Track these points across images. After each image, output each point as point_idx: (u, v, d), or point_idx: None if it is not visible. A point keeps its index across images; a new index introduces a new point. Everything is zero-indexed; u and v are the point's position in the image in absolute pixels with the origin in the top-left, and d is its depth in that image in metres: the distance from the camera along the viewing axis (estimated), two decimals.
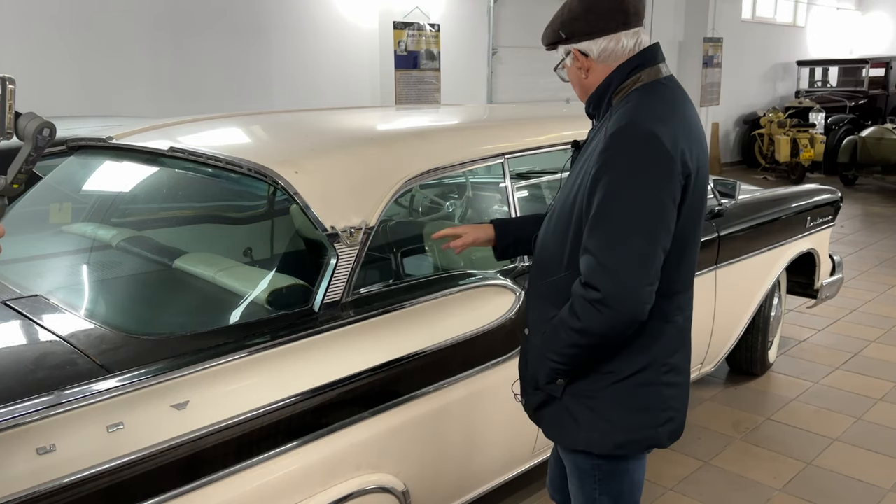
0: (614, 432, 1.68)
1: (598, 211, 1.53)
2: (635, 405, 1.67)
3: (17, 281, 2.16)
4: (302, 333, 1.92)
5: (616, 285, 1.50)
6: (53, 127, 1.20)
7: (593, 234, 1.54)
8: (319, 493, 1.92)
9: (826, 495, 3.01)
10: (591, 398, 1.68)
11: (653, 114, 1.57)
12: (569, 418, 1.72)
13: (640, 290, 1.52)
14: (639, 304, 1.52)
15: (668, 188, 1.53)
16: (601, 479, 1.75)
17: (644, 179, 1.52)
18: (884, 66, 13.59)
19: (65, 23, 5.79)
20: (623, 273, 1.50)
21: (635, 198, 1.52)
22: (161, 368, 1.68)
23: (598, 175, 1.54)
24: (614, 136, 1.55)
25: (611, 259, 1.51)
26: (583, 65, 1.69)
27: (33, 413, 1.48)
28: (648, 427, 1.69)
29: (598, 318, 1.52)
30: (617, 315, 1.52)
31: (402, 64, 7.70)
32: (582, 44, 1.66)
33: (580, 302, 1.55)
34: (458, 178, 3.18)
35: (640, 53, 1.66)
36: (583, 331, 1.56)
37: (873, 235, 7.71)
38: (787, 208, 3.80)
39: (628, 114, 1.58)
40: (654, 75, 1.66)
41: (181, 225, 2.84)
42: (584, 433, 1.70)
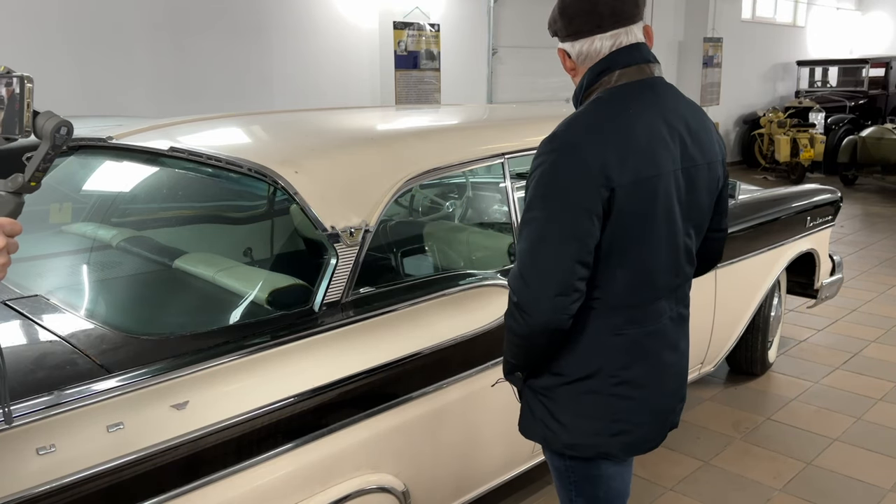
0: (563, 432, 1.69)
1: (521, 220, 1.58)
2: (583, 411, 1.67)
3: (17, 281, 2.16)
4: (302, 333, 1.92)
5: (525, 293, 1.54)
6: (71, 126, 1.21)
7: (518, 239, 1.60)
8: (319, 494, 1.92)
9: (826, 495, 3.01)
10: (545, 396, 1.71)
11: (583, 124, 1.56)
12: (528, 410, 1.77)
13: (550, 300, 1.52)
14: (548, 313, 1.52)
15: (582, 199, 1.50)
16: (576, 482, 1.76)
17: (556, 191, 1.51)
18: (884, 66, 13.58)
19: (65, 22, 5.79)
20: (532, 281, 1.53)
21: (546, 209, 1.52)
22: (161, 368, 1.68)
23: (526, 183, 1.60)
24: (539, 146, 1.58)
25: (524, 267, 1.54)
26: (567, 64, 1.70)
27: (33, 413, 1.48)
28: (595, 435, 1.67)
29: (518, 320, 1.57)
30: (531, 321, 1.55)
31: (402, 64, 7.70)
32: (565, 43, 1.67)
33: (509, 303, 1.61)
34: (458, 178, 3.18)
35: (606, 57, 1.62)
36: (509, 329, 1.63)
37: (873, 235, 7.71)
38: (787, 208, 3.80)
39: (563, 123, 1.59)
40: (631, 76, 1.62)
41: (181, 225, 2.84)
42: (539, 428, 1.74)
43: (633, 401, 1.67)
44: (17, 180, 1.21)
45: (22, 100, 1.16)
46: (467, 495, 2.42)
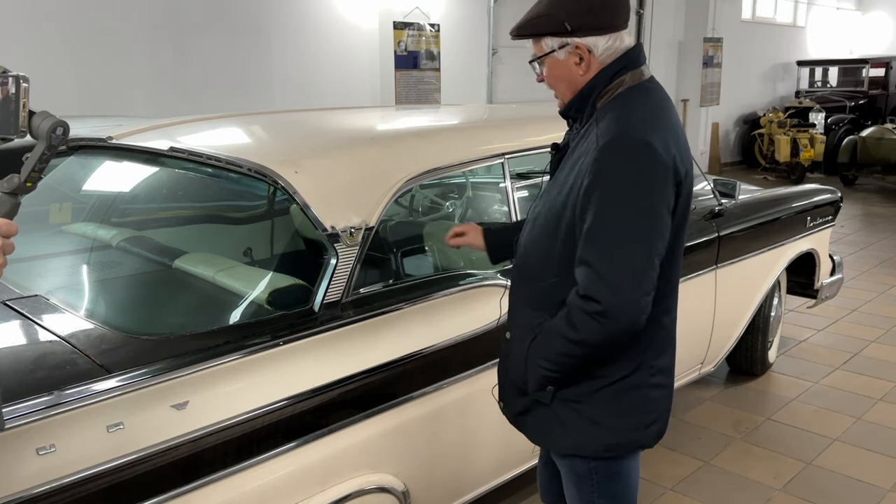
0: (603, 435, 1.67)
1: (595, 222, 1.51)
2: (623, 408, 1.66)
3: (17, 281, 2.16)
4: (302, 333, 1.92)
5: (616, 297, 1.49)
6: (67, 126, 1.20)
7: (590, 245, 1.52)
8: (319, 494, 1.92)
9: (826, 495, 3.01)
10: (579, 402, 1.66)
11: (642, 121, 1.55)
12: (556, 423, 1.70)
13: (639, 301, 1.51)
14: (638, 314, 1.51)
15: (663, 196, 1.53)
16: (599, 483, 1.74)
17: (640, 190, 1.50)
18: (884, 66, 13.58)
19: (64, 22, 5.79)
20: (623, 284, 1.49)
21: (632, 209, 1.50)
22: (161, 368, 1.68)
23: (592, 186, 1.52)
24: (607, 146, 1.52)
25: (610, 271, 1.49)
26: (585, 60, 1.61)
27: (33, 413, 1.48)
28: (635, 429, 1.69)
29: (598, 329, 1.51)
30: (616, 326, 1.50)
31: (402, 64, 7.70)
32: (588, 38, 1.59)
33: (578, 314, 1.53)
34: (458, 178, 3.18)
35: (624, 55, 1.62)
36: (580, 342, 1.55)
37: (873, 235, 7.71)
38: (787, 208, 3.80)
39: (618, 122, 1.55)
40: (638, 78, 1.63)
41: (181, 225, 2.84)
42: (572, 437, 1.69)
43: (665, 388, 1.72)
44: (13, 181, 1.20)
45: (18, 100, 1.16)
46: (467, 495, 2.42)
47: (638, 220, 1.50)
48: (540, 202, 1.75)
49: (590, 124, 1.63)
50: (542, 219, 1.69)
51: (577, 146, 1.65)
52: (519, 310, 1.77)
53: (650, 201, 1.51)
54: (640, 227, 1.50)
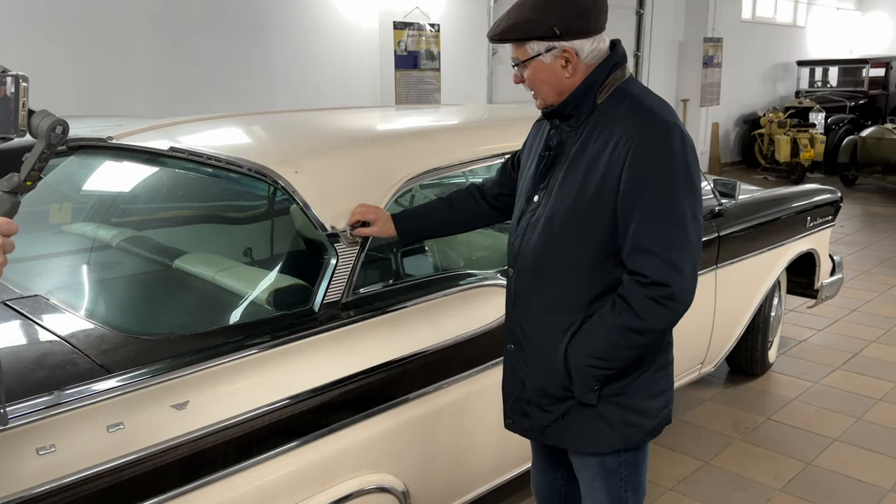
0: (645, 422, 1.70)
1: (650, 210, 1.54)
2: (656, 390, 1.71)
3: (17, 281, 2.16)
4: (302, 333, 1.92)
5: (682, 278, 1.54)
6: (66, 125, 1.20)
7: (650, 232, 1.55)
8: (319, 494, 1.92)
9: (826, 495, 3.01)
10: (621, 394, 1.67)
11: (663, 107, 1.62)
12: (602, 422, 1.69)
13: (696, 277, 1.59)
14: (694, 290, 1.58)
15: (699, 175, 1.62)
16: (626, 475, 1.76)
17: (685, 172, 1.56)
18: (884, 66, 13.58)
19: (64, 22, 5.78)
20: (688, 266, 1.55)
21: (681, 192, 1.55)
22: (161, 368, 1.68)
23: (637, 174, 1.54)
24: (647, 136, 1.55)
25: (675, 255, 1.54)
26: (571, 63, 1.63)
27: (33, 413, 1.48)
28: (664, 408, 1.75)
29: (665, 314, 1.55)
30: (682, 308, 1.56)
31: (402, 64, 7.70)
32: (575, 42, 1.61)
33: (642, 301, 1.55)
34: (458, 178, 3.18)
35: (614, 53, 1.66)
36: (646, 330, 1.57)
37: (873, 235, 7.71)
38: (787, 208, 3.80)
39: (646, 112, 1.59)
40: (625, 74, 1.68)
41: (181, 225, 2.84)
42: (618, 432, 1.69)
43: (673, 363, 1.78)
44: (12, 180, 1.21)
45: (17, 99, 1.16)
46: (467, 495, 2.42)
47: (688, 201, 1.56)
48: (542, 204, 1.70)
49: (596, 119, 1.64)
50: (560, 219, 1.65)
51: (587, 144, 1.64)
52: (535, 316, 1.72)
53: (693, 182, 1.58)
54: (691, 208, 1.57)
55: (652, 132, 1.56)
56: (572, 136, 1.68)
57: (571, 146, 1.67)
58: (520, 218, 1.78)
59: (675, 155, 1.55)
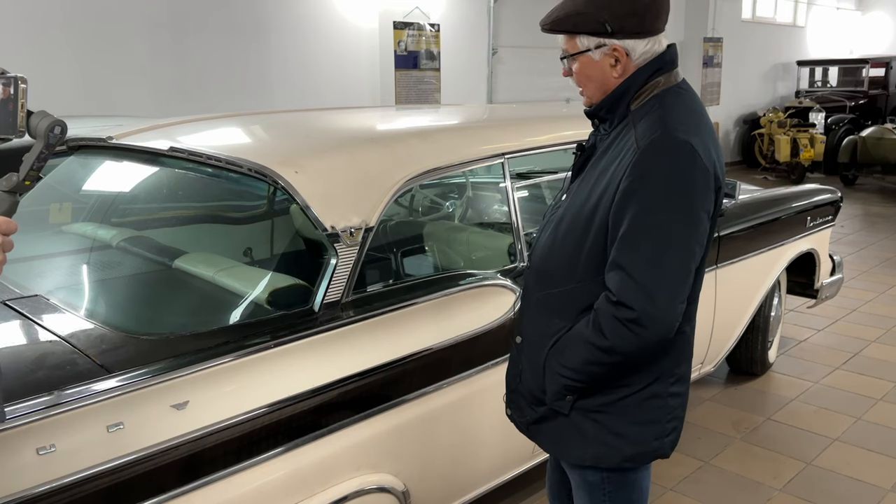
0: (623, 446, 1.63)
1: (633, 226, 1.46)
2: (644, 418, 1.62)
3: (17, 281, 2.16)
4: (302, 333, 1.92)
5: (652, 305, 1.44)
6: (64, 125, 1.21)
7: (626, 249, 1.47)
8: (319, 493, 1.92)
9: (826, 495, 3.01)
10: (600, 412, 1.62)
11: (684, 123, 1.51)
12: (575, 433, 1.65)
13: (674, 309, 1.48)
14: (672, 323, 1.48)
15: (704, 202, 1.49)
16: (611, 492, 1.71)
17: (682, 194, 1.46)
18: (884, 66, 13.58)
19: (64, 22, 5.78)
20: (659, 292, 1.45)
21: (673, 213, 1.46)
22: (161, 368, 1.68)
23: (631, 188, 1.47)
24: (649, 147, 1.48)
25: (647, 277, 1.45)
26: (621, 63, 1.56)
27: (33, 413, 1.48)
28: (655, 439, 1.65)
29: (629, 337, 1.47)
30: (649, 335, 1.46)
31: (402, 64, 7.70)
32: (627, 41, 1.53)
33: (609, 321, 1.48)
34: (458, 178, 3.18)
35: (659, 57, 1.58)
36: (609, 349, 1.50)
37: (873, 235, 7.71)
38: (787, 208, 3.80)
39: (659, 124, 1.50)
40: (672, 80, 1.59)
41: (181, 225, 2.84)
42: (591, 448, 1.64)
43: (682, 397, 1.68)
44: (11, 179, 1.21)
45: (16, 100, 1.17)
46: (467, 495, 2.42)
47: (678, 225, 1.46)
48: (563, 204, 1.68)
49: (623, 126, 1.59)
50: (567, 222, 1.62)
51: (609, 149, 1.60)
52: (534, 314, 1.71)
53: (692, 206, 1.47)
54: (680, 233, 1.46)
55: (657, 146, 1.47)
56: (604, 140, 1.64)
57: (599, 150, 1.64)
58: (546, 214, 1.77)
59: (676, 173, 1.46)
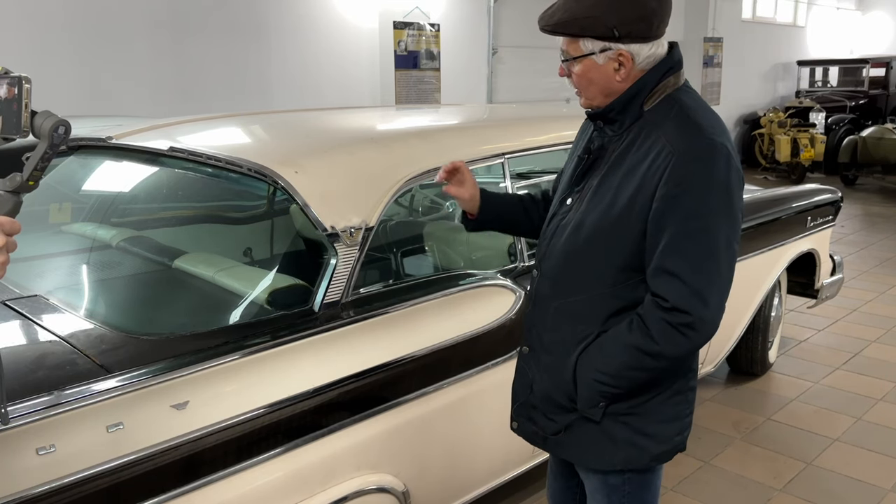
0: (651, 445, 1.63)
1: (679, 231, 1.46)
2: (670, 415, 1.64)
3: (17, 281, 2.16)
4: (302, 333, 1.92)
5: (707, 309, 1.47)
6: (68, 125, 1.21)
7: (676, 255, 1.47)
8: (319, 494, 1.92)
9: (826, 495, 3.00)
10: (631, 415, 1.61)
11: (712, 125, 1.52)
12: (604, 439, 1.63)
13: (722, 310, 1.50)
14: (719, 323, 1.50)
15: (740, 202, 1.51)
16: (630, 493, 1.70)
17: (725, 197, 1.48)
18: (884, 66, 13.58)
19: (65, 22, 5.78)
20: (713, 296, 1.47)
21: (717, 217, 1.47)
22: (161, 368, 1.68)
23: (672, 192, 1.46)
24: (688, 152, 1.46)
25: (699, 282, 1.46)
26: (625, 67, 1.54)
27: (33, 413, 1.48)
28: (678, 434, 1.66)
29: (682, 341, 1.48)
30: (701, 338, 1.49)
31: (402, 64, 7.70)
32: (633, 46, 1.52)
33: (660, 325, 1.48)
34: None
35: (668, 58, 1.57)
36: (659, 354, 1.50)
37: (873, 235, 7.71)
38: (787, 208, 3.80)
39: (694, 125, 1.50)
40: (680, 80, 1.59)
41: (181, 225, 2.84)
42: (622, 452, 1.63)
43: (695, 390, 1.71)
44: (15, 179, 1.21)
45: (20, 100, 1.17)
46: (467, 495, 2.41)
47: (724, 228, 1.48)
48: (575, 208, 1.64)
49: (640, 127, 1.56)
50: (588, 228, 1.58)
51: (628, 152, 1.56)
52: (552, 323, 1.66)
53: (733, 209, 1.49)
54: (725, 237, 1.48)
55: (695, 149, 1.47)
56: (614, 142, 1.60)
57: (612, 152, 1.60)
58: (551, 219, 1.72)
59: (717, 177, 1.46)
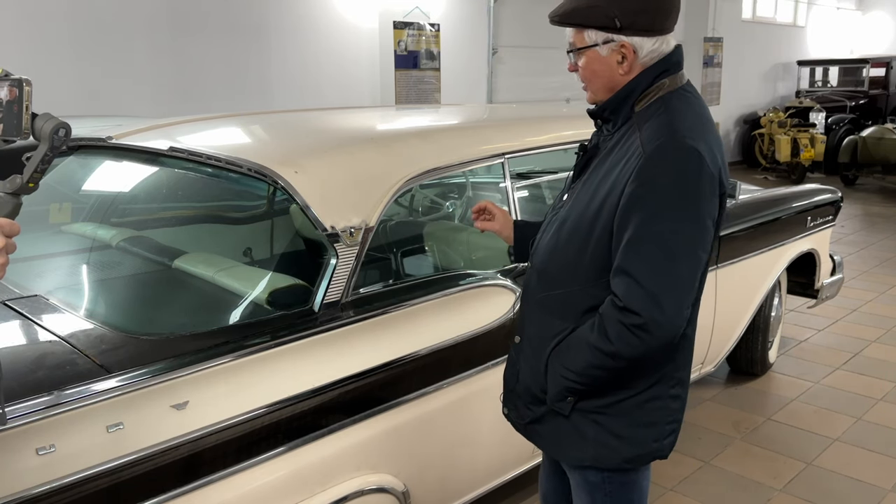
0: (623, 448, 1.63)
1: (639, 231, 1.45)
2: (644, 420, 1.62)
3: (17, 281, 2.16)
4: (302, 333, 1.92)
5: (659, 311, 1.44)
6: (69, 127, 1.21)
7: (633, 255, 1.46)
8: (319, 494, 1.92)
9: (826, 495, 3.00)
10: (601, 414, 1.62)
11: (691, 128, 1.50)
12: (575, 434, 1.65)
13: (681, 315, 1.47)
14: (678, 328, 1.47)
15: (710, 208, 1.49)
16: (611, 492, 1.70)
17: (689, 201, 1.46)
18: (884, 66, 13.59)
19: (64, 22, 5.78)
20: (667, 298, 1.44)
21: (680, 220, 1.45)
22: (161, 368, 1.68)
23: (637, 193, 1.46)
24: (656, 152, 1.46)
25: (655, 284, 1.44)
26: (627, 60, 1.54)
27: (33, 413, 1.48)
28: (654, 440, 1.65)
29: (635, 342, 1.46)
30: (655, 341, 1.46)
31: (402, 64, 7.70)
32: (636, 38, 1.52)
33: (615, 326, 1.48)
34: (458, 178, 3.18)
35: (666, 58, 1.57)
36: (614, 354, 1.49)
37: (873, 235, 7.71)
38: (787, 208, 3.80)
39: (666, 128, 1.49)
40: (677, 83, 1.58)
41: (181, 225, 2.84)
42: (591, 449, 1.64)
43: (682, 399, 1.68)
44: (15, 181, 1.21)
45: (21, 102, 1.17)
46: (467, 496, 2.42)
47: (685, 232, 1.45)
48: (566, 205, 1.67)
49: (627, 128, 1.57)
50: (570, 224, 1.61)
51: (613, 150, 1.58)
52: (535, 316, 1.70)
53: (698, 213, 1.46)
54: (686, 240, 1.46)
55: (664, 150, 1.46)
56: (607, 141, 1.63)
57: (603, 151, 1.62)
58: (548, 214, 1.76)
59: (683, 180, 1.45)
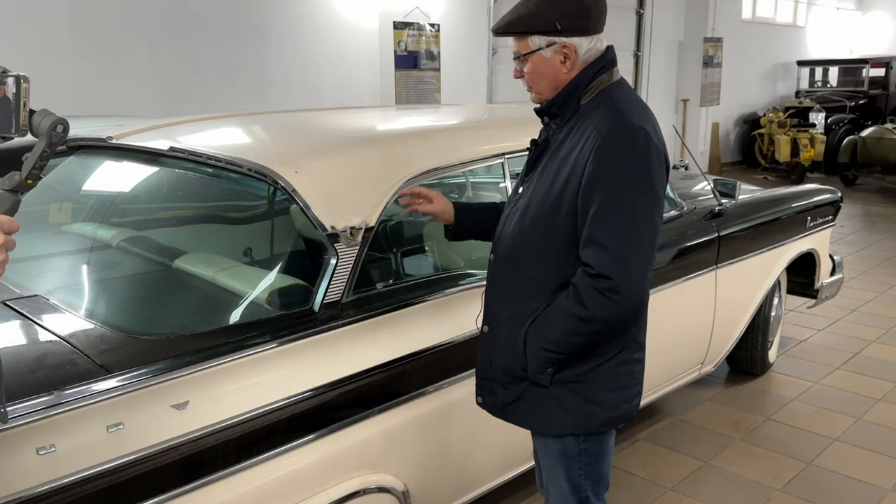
0: (600, 412, 1.75)
1: (603, 205, 1.61)
2: (615, 384, 1.76)
3: (17, 281, 2.16)
4: (302, 333, 1.92)
5: (628, 274, 1.59)
6: (67, 124, 1.21)
7: (600, 225, 1.61)
8: (319, 493, 1.92)
9: (826, 495, 3.01)
10: (577, 382, 1.74)
11: (636, 112, 1.68)
12: (554, 404, 1.76)
13: (646, 276, 1.64)
14: (645, 289, 1.65)
15: (660, 178, 1.67)
16: (587, 463, 1.82)
17: (644, 173, 1.63)
18: (884, 66, 13.58)
19: (64, 22, 5.79)
20: (634, 262, 1.60)
21: (638, 190, 1.62)
22: (161, 368, 1.68)
23: (598, 170, 1.61)
24: (610, 134, 1.63)
25: (623, 249, 1.59)
26: (570, 60, 1.71)
27: (33, 413, 1.48)
28: (625, 402, 1.79)
29: (608, 305, 1.60)
30: (627, 302, 1.61)
31: (402, 64, 7.70)
32: (575, 39, 1.69)
33: (589, 291, 1.61)
34: (458, 178, 3.18)
35: (602, 57, 1.74)
36: (590, 319, 1.63)
37: (873, 235, 7.71)
38: (787, 208, 3.80)
39: (615, 113, 1.66)
40: (614, 78, 1.75)
41: (181, 225, 2.84)
42: (571, 417, 1.76)
43: (643, 363, 1.84)
44: (14, 178, 1.21)
45: (18, 99, 1.17)
46: (467, 495, 2.42)
47: (644, 200, 1.62)
48: (524, 195, 1.80)
49: (576, 119, 1.73)
50: (534, 209, 1.74)
51: (566, 140, 1.73)
52: (506, 300, 1.81)
53: (652, 183, 1.63)
54: (644, 207, 1.62)
55: (615, 131, 1.63)
56: (556, 134, 1.78)
57: (554, 143, 1.77)
58: (505, 207, 1.90)
59: (635, 155, 1.62)
